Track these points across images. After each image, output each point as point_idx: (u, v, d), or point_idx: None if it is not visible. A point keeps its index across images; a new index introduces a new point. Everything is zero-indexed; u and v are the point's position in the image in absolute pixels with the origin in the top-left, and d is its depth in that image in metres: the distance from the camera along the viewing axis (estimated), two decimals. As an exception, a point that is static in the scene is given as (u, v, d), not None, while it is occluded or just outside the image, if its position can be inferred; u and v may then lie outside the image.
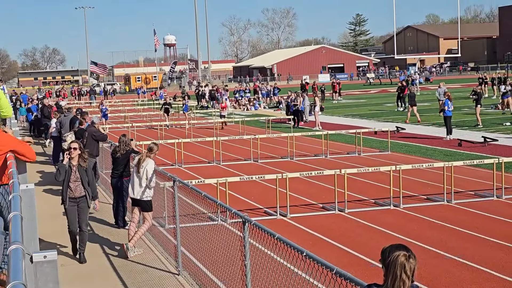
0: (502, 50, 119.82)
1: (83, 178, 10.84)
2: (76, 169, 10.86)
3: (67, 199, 10.87)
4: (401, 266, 4.09)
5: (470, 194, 15.72)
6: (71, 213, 10.93)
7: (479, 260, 10.48)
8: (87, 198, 10.91)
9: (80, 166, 10.88)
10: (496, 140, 24.49)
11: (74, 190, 10.88)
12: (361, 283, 4.65)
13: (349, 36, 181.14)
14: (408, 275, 4.08)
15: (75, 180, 10.83)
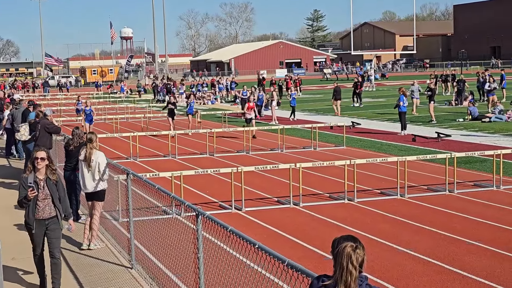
0: (457, 48, 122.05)
1: (54, 194, 8.70)
2: (45, 184, 8.71)
3: (34, 222, 8.74)
4: (348, 256, 4.11)
5: (423, 188, 15.93)
6: (38, 237, 8.87)
7: (430, 253, 10.62)
8: (58, 219, 8.83)
9: (49, 179, 8.73)
10: (449, 135, 24.86)
11: (42, 210, 8.72)
12: (312, 274, 4.66)
13: (307, 31, 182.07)
14: (355, 266, 4.11)
15: (44, 198, 8.68)
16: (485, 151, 17.59)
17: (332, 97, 36.96)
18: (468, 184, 16.21)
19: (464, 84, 40.56)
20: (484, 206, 14.01)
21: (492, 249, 10.81)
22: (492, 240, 11.28)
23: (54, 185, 8.74)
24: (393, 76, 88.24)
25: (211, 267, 7.68)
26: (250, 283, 6.81)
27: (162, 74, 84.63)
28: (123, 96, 58.48)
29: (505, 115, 30.27)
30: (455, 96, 40.62)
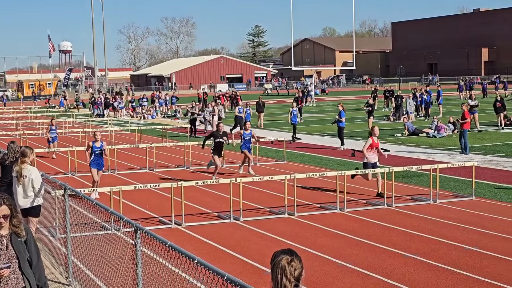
0: (395, 64, 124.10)
1: (21, 257, 5.92)
2: (8, 243, 5.94)
3: None
4: (282, 270, 4.11)
5: (362, 202, 16.12)
6: None
7: (369, 267, 10.74)
8: None
9: (15, 236, 5.97)
10: (388, 150, 25.26)
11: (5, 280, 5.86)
12: (245, 285, 4.66)
13: (248, 46, 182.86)
14: (289, 279, 4.11)
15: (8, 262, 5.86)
16: (422, 165, 17.93)
17: (256, 110, 39.12)
18: (406, 198, 16.48)
19: (402, 99, 41.32)
20: (421, 219, 14.26)
21: (428, 261, 10.99)
22: (429, 253, 11.48)
23: (23, 243, 6.02)
24: (333, 92, 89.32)
25: (150, 283, 7.59)
26: (189, 299, 6.76)
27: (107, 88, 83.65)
28: (61, 110, 57.60)
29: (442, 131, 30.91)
30: (393, 111, 41.36)
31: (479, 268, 10.56)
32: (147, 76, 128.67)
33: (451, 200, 16.25)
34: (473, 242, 12.12)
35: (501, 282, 9.85)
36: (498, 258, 11.10)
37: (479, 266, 10.67)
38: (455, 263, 10.86)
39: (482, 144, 27.27)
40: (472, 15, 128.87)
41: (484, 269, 10.47)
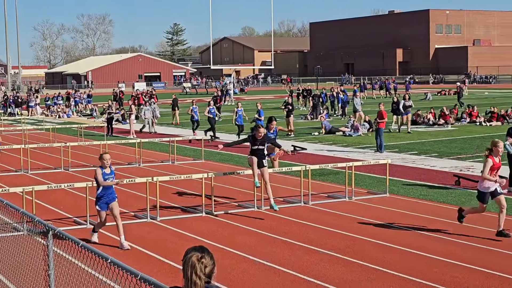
0: (313, 64, 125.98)
1: None
2: None
3: None
4: (192, 267, 4.09)
5: (279, 200, 16.23)
6: None
7: (286, 264, 10.82)
8: None
9: None
10: (305, 148, 25.56)
11: None
12: (164, 287, 4.61)
13: (167, 45, 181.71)
14: (199, 275, 4.09)
15: None
16: (338, 163, 18.21)
17: (172, 108, 39.75)
18: (322, 196, 16.71)
19: (319, 99, 41.92)
20: (337, 216, 14.48)
21: (344, 257, 11.17)
22: (344, 249, 11.67)
23: None
24: (252, 91, 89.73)
25: (63, 284, 7.41)
26: (103, 300, 6.63)
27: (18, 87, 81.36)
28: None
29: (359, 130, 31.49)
30: (311, 110, 41.90)
31: (392, 263, 10.79)
32: (62, 74, 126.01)
33: (366, 197, 16.58)
34: (387, 238, 12.38)
35: (412, 275, 10.10)
36: (410, 253, 11.38)
37: (393, 261, 10.91)
38: (370, 258, 11.07)
39: (396, 142, 27.93)
40: (387, 17, 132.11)
41: (397, 264, 10.71)
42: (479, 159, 22.54)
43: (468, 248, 11.69)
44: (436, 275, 10.14)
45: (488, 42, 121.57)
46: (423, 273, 10.20)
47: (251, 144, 14.91)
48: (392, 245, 11.88)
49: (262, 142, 14.82)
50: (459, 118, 36.97)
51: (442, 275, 10.14)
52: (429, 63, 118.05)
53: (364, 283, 9.86)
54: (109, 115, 34.96)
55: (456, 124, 35.67)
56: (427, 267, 10.54)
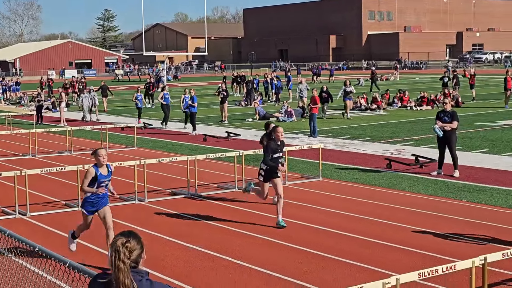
0: (247, 50, 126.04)
1: None
2: None
3: None
4: (115, 251, 4.03)
5: (214, 186, 16.18)
6: None
7: (219, 249, 10.78)
8: None
9: None
10: (239, 134, 25.55)
11: None
12: (92, 273, 4.53)
13: (98, 31, 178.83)
14: (123, 260, 4.01)
15: None
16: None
17: (101, 95, 39.36)
18: (256, 181, 16.67)
19: (253, 85, 41.94)
20: (270, 201, 14.50)
21: (278, 241, 11.19)
22: (278, 233, 11.69)
23: None
24: (185, 78, 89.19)
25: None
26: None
27: None
28: None
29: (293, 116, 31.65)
30: (245, 96, 41.90)
31: (326, 246, 10.88)
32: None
33: (300, 181, 16.68)
34: (321, 222, 12.48)
35: (343, 257, 10.20)
36: (342, 236, 11.50)
37: (327, 244, 11.00)
38: (305, 242, 11.12)
39: (329, 127, 28.20)
40: (320, 3, 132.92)
41: (331, 247, 10.80)
42: (409, 142, 22.97)
43: (399, 230, 11.88)
44: (369, 256, 10.26)
45: (419, 28, 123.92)
46: (356, 255, 10.31)
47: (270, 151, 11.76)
48: (326, 228, 11.97)
49: (281, 147, 12.04)
50: (390, 103, 37.57)
51: (374, 256, 10.27)
52: (361, 49, 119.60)
53: (299, 265, 9.90)
54: (39, 103, 34.17)
55: (388, 108, 36.24)
56: (360, 249, 10.66)
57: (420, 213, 12.96)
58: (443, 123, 16.60)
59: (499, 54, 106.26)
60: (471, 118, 29.84)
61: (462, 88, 43.53)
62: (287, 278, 9.36)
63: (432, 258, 9.97)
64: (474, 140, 22.96)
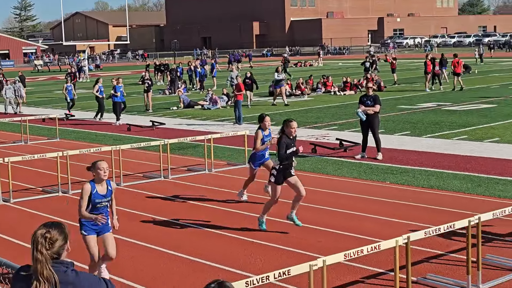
0: (169, 38, 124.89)
1: None
2: None
3: None
4: (34, 242, 3.97)
5: (139, 176, 16.00)
6: None
7: (147, 239, 10.68)
8: None
9: None
10: (164, 123, 25.33)
11: None
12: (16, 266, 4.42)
13: (15, 21, 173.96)
14: (41, 251, 3.95)
15: None
16: (197, 136, 18.17)
17: None
18: (182, 169, 16.62)
19: (176, 73, 41.62)
20: (198, 189, 14.46)
21: (206, 230, 11.16)
22: (206, 221, 11.65)
23: None
24: (107, 67, 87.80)
25: None
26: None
27: None
28: None
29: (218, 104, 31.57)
30: (169, 85, 41.56)
31: (254, 232, 10.90)
32: None
33: (226, 168, 16.67)
34: (247, 208, 12.50)
35: (271, 242, 10.26)
36: (270, 221, 11.54)
37: (255, 230, 11.02)
38: (233, 228, 11.12)
39: (254, 114, 28.26)
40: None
41: (259, 233, 10.83)
42: (334, 127, 23.26)
43: (325, 213, 12.02)
44: (296, 240, 10.35)
45: (341, 14, 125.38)
46: (283, 240, 10.38)
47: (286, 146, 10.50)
48: (252, 214, 12.00)
49: (294, 143, 10.74)
50: (314, 89, 37.92)
51: (301, 240, 10.36)
52: (285, 35, 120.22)
53: (227, 252, 9.90)
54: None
55: (312, 94, 36.58)
56: (288, 233, 10.73)
57: (345, 196, 13.15)
58: (366, 107, 16.87)
59: (419, 38, 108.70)
60: (393, 102, 30.44)
61: (384, 72, 44.38)
62: (214, 265, 9.35)
63: (358, 239, 10.13)
64: (396, 123, 23.44)
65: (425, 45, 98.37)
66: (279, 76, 31.47)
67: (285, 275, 6.45)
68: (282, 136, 10.58)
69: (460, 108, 26.81)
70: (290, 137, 10.58)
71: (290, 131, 10.55)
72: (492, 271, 8.59)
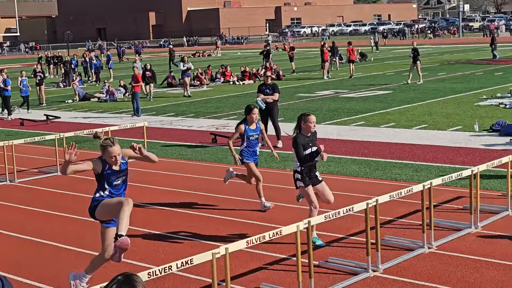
0: (62, 29, 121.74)
1: None
2: None
3: None
4: None
5: (34, 171, 15.49)
6: None
7: (39, 233, 10.34)
8: None
9: None
10: (59, 117, 24.64)
11: None
12: None
13: None
14: None
15: None
16: (93, 129, 17.71)
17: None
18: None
19: (70, 65, 40.63)
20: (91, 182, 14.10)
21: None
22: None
23: None
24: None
25: None
26: None
27: None
28: None
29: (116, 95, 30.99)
30: (63, 78, 40.49)
31: (160, 223, 10.75)
32: None
33: (125, 161, 16.32)
34: (148, 198, 12.30)
35: (180, 235, 10.14)
36: (168, 212, 11.41)
37: (161, 221, 10.87)
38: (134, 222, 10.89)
39: (153, 105, 27.93)
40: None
41: (163, 223, 10.68)
42: (234, 116, 23.28)
43: (229, 202, 11.98)
44: (201, 229, 10.26)
45: (238, 3, 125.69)
46: (186, 230, 10.28)
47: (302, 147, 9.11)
48: (160, 208, 11.83)
49: (313, 140, 9.35)
50: (213, 79, 37.86)
51: (206, 229, 10.29)
52: (182, 25, 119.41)
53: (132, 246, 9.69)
54: None
55: (211, 84, 36.50)
56: (190, 223, 10.64)
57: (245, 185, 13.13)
58: (265, 95, 16.95)
59: (316, 27, 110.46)
60: (292, 90, 30.78)
61: (283, 61, 44.78)
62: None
63: (260, 227, 10.15)
64: (296, 111, 23.67)
65: (322, 33, 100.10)
66: (185, 66, 31.03)
67: (188, 265, 6.36)
68: (298, 136, 9.12)
69: (357, 95, 27.40)
70: (307, 135, 9.16)
71: (309, 126, 9.10)
72: (390, 252, 8.78)
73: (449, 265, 8.33)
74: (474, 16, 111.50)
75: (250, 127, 11.01)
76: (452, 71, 36.39)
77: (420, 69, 31.26)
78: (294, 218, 10.22)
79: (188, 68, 31.08)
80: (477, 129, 17.83)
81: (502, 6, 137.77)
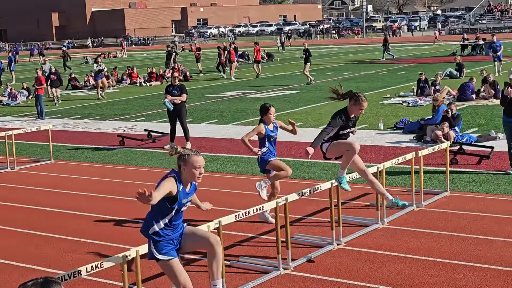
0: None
1: None
2: None
3: None
4: None
5: None
6: None
7: None
8: None
9: None
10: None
11: None
12: None
13: None
14: None
15: None
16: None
17: None
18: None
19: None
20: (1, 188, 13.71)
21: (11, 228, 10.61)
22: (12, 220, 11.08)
23: None
24: None
25: None
26: None
27: None
28: None
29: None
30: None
31: (72, 228, 10.52)
32: None
33: (30, 165, 15.94)
34: (58, 204, 12.03)
35: (91, 239, 9.96)
36: (80, 216, 11.20)
37: (72, 226, 10.64)
38: (40, 227, 10.64)
39: (58, 108, 27.34)
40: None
41: (83, 229, 10.47)
42: (141, 118, 23.04)
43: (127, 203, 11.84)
44: (108, 234, 10.11)
45: (144, 4, 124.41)
46: (94, 234, 10.11)
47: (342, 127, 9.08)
48: (66, 211, 11.57)
49: (354, 123, 9.38)
50: (120, 80, 37.39)
51: (112, 234, 10.15)
52: (86, 27, 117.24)
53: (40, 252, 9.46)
54: None
55: (118, 86, 36.02)
56: (96, 227, 10.47)
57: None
58: (172, 97, 16.85)
59: (223, 28, 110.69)
60: (200, 91, 30.75)
61: (189, 62, 44.63)
62: (20, 265, 8.90)
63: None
64: (204, 112, 23.69)
65: (228, 34, 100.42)
66: (97, 67, 30.37)
67: (98, 268, 6.26)
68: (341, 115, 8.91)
69: (264, 95, 27.63)
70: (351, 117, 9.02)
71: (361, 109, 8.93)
72: (300, 249, 8.91)
73: (357, 260, 8.52)
74: (377, 16, 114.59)
75: (269, 127, 10.31)
76: (357, 71, 37.26)
77: (309, 70, 31.72)
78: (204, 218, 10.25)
79: (101, 70, 30.46)
80: (382, 127, 18.33)
81: (403, 7, 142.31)
